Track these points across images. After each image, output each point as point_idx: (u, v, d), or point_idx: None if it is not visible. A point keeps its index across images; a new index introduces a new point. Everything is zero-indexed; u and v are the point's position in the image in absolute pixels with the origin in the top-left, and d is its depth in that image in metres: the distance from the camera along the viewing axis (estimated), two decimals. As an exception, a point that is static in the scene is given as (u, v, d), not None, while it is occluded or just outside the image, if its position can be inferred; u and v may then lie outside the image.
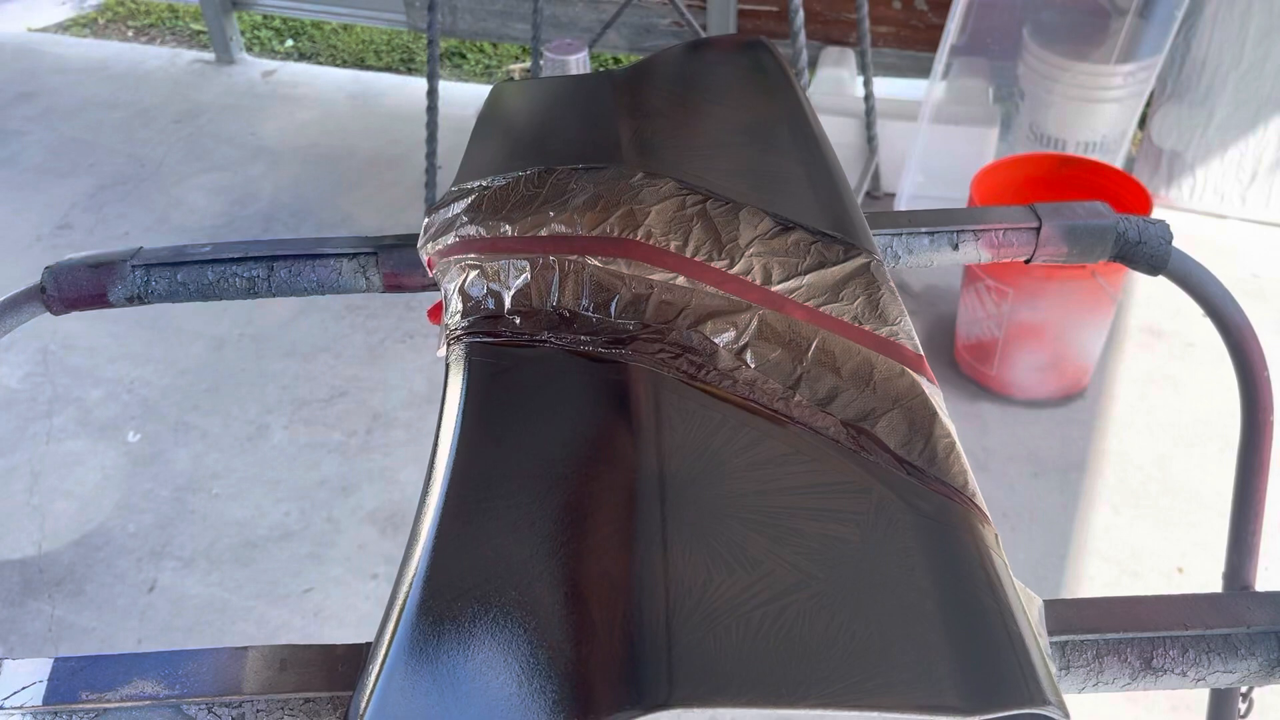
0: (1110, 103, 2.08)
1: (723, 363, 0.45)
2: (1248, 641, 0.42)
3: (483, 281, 0.50)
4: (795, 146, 0.58)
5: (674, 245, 0.49)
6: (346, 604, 1.55)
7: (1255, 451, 0.68)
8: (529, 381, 0.46)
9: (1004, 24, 2.21)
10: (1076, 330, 1.75)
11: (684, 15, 2.23)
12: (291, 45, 3.38)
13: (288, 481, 1.75)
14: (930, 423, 0.42)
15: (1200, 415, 1.80)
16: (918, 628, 0.34)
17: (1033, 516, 1.63)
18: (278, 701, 0.39)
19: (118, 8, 3.63)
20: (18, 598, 1.58)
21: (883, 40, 2.56)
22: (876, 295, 0.47)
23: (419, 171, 2.26)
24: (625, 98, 0.65)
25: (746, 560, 0.36)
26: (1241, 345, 0.66)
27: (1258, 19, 2.06)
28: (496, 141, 0.64)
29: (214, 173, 2.62)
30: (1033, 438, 1.76)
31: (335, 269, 0.64)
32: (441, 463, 0.42)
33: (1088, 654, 0.41)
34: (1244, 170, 2.22)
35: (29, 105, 2.95)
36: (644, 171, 0.54)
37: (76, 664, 0.40)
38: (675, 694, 0.31)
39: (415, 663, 0.35)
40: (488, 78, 3.22)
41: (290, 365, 2.00)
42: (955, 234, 0.64)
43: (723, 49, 0.73)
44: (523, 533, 0.38)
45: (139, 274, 0.63)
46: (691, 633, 0.33)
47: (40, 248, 2.36)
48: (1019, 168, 1.84)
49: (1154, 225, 0.64)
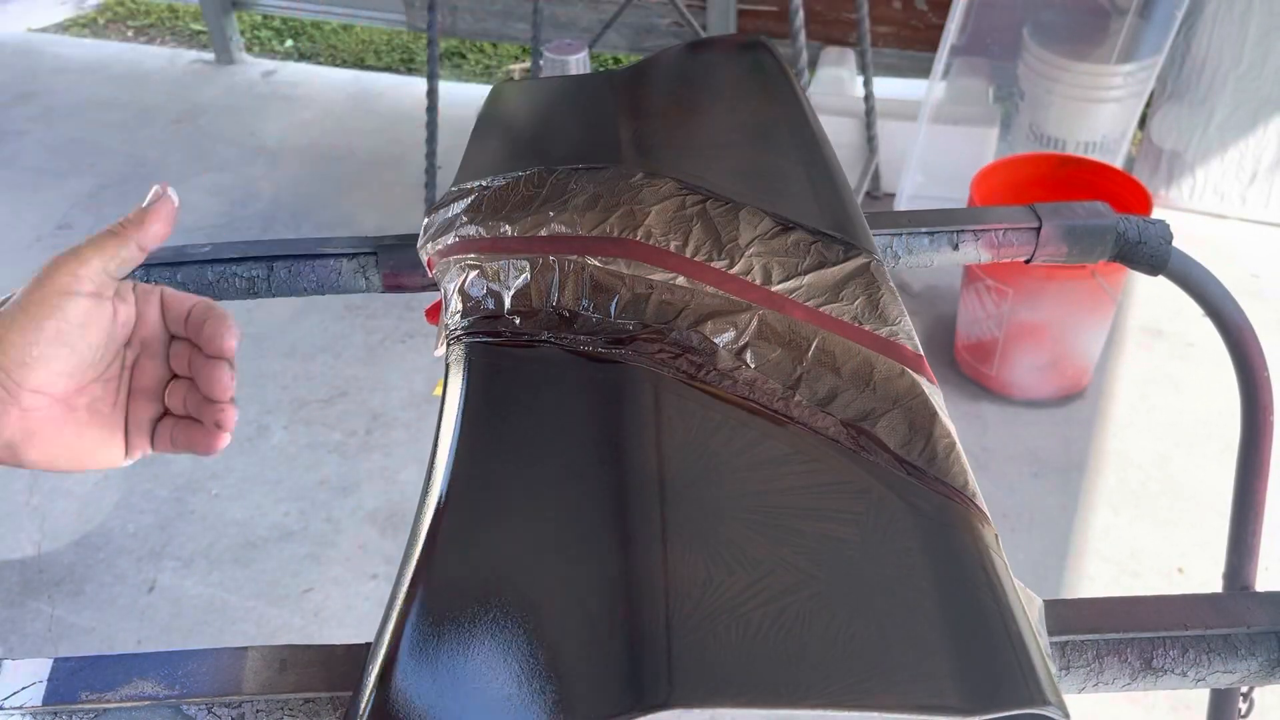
0: (1110, 103, 2.08)
1: (723, 363, 0.45)
2: (1248, 641, 0.42)
3: (482, 281, 0.50)
4: (795, 146, 0.58)
5: (674, 245, 0.49)
6: (346, 604, 1.55)
7: (1255, 451, 0.68)
8: (529, 381, 0.46)
9: (1004, 24, 2.21)
10: (1076, 330, 1.75)
11: (684, 15, 2.23)
12: (291, 45, 3.38)
13: (287, 481, 1.75)
14: (930, 423, 0.42)
15: (1200, 415, 1.80)
16: (918, 628, 0.34)
17: (1033, 516, 1.63)
18: (278, 702, 0.39)
19: (118, 8, 3.63)
20: (17, 598, 1.58)
21: (883, 40, 2.56)
22: (876, 295, 0.47)
23: (419, 171, 2.26)
24: (625, 98, 0.65)
25: (746, 560, 0.36)
26: (1241, 345, 0.66)
27: (1258, 19, 2.06)
28: (496, 141, 0.64)
29: (214, 173, 2.62)
30: (1033, 438, 1.76)
31: (335, 269, 0.64)
32: (441, 463, 0.42)
33: (1088, 654, 0.41)
34: (1244, 170, 2.22)
35: (29, 105, 2.95)
36: (644, 171, 0.54)
37: (76, 664, 0.40)
38: (675, 694, 0.31)
39: (415, 663, 0.35)
40: (488, 78, 3.22)
41: (290, 365, 2.00)
42: (955, 234, 0.64)
43: (722, 49, 0.73)
44: (523, 533, 0.38)
45: (138, 274, 0.63)
46: (691, 633, 0.33)
47: (40, 248, 2.36)
48: (1019, 168, 1.84)
49: (1154, 225, 0.63)
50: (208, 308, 0.51)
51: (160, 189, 0.52)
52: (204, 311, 0.51)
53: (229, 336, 0.50)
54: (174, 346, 0.52)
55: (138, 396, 0.52)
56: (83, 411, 0.49)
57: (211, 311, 0.51)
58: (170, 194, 0.52)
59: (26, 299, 0.46)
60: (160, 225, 0.51)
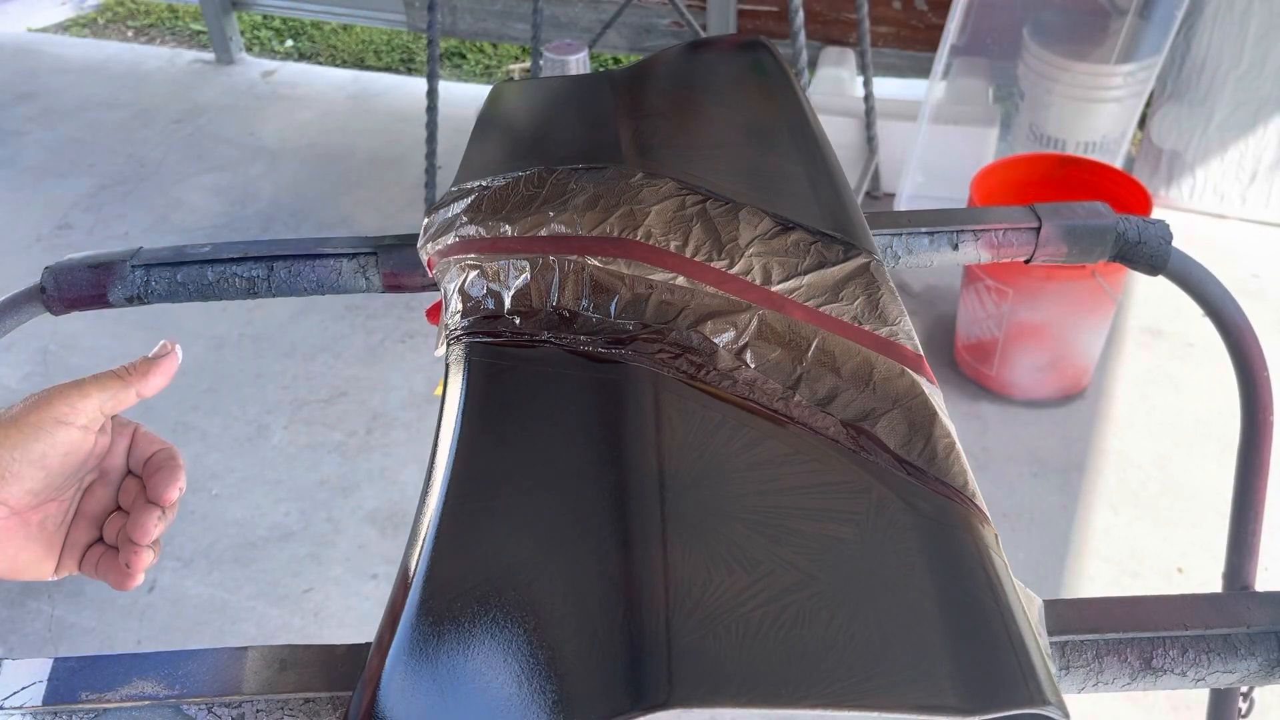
0: (1110, 103, 2.08)
1: (723, 363, 0.45)
2: (1248, 641, 0.42)
3: (482, 281, 0.50)
4: (795, 146, 0.58)
5: (674, 245, 0.49)
6: (346, 604, 1.55)
7: (1255, 451, 0.68)
8: (529, 381, 0.46)
9: (1004, 24, 2.21)
10: (1076, 330, 1.75)
11: (684, 15, 2.23)
12: (291, 45, 3.38)
13: (287, 482, 1.75)
14: (930, 423, 0.42)
15: (1200, 415, 1.80)
16: (917, 628, 0.34)
17: (1033, 516, 1.63)
18: (277, 702, 0.39)
19: (118, 8, 3.63)
20: (18, 598, 1.58)
21: (883, 40, 2.56)
22: (876, 295, 0.47)
23: (419, 171, 2.26)
24: (625, 98, 0.65)
25: (746, 560, 0.36)
26: (1241, 345, 0.66)
27: (1258, 19, 2.06)
28: (496, 142, 0.64)
29: (214, 173, 2.62)
30: (1033, 438, 1.76)
31: (335, 269, 0.64)
32: (441, 463, 0.42)
33: (1088, 654, 0.41)
34: (1244, 170, 2.22)
35: (29, 105, 2.95)
36: (644, 171, 0.54)
37: (76, 664, 0.40)
38: (675, 694, 0.31)
39: (415, 663, 0.35)
40: (488, 78, 3.22)
41: (290, 365, 2.00)
42: (955, 234, 0.64)
43: (722, 49, 0.73)
44: (523, 533, 0.38)
45: (139, 274, 0.63)
46: (691, 633, 0.33)
47: (40, 248, 2.36)
48: (1019, 168, 1.84)
49: (1154, 225, 0.63)
50: (169, 456, 0.54)
51: (168, 345, 0.55)
52: (162, 460, 0.53)
53: (172, 490, 0.52)
54: (127, 481, 0.54)
55: (81, 520, 0.53)
56: (34, 527, 0.51)
57: (170, 461, 0.53)
58: (177, 351, 0.55)
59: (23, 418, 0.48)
60: (161, 379, 0.54)
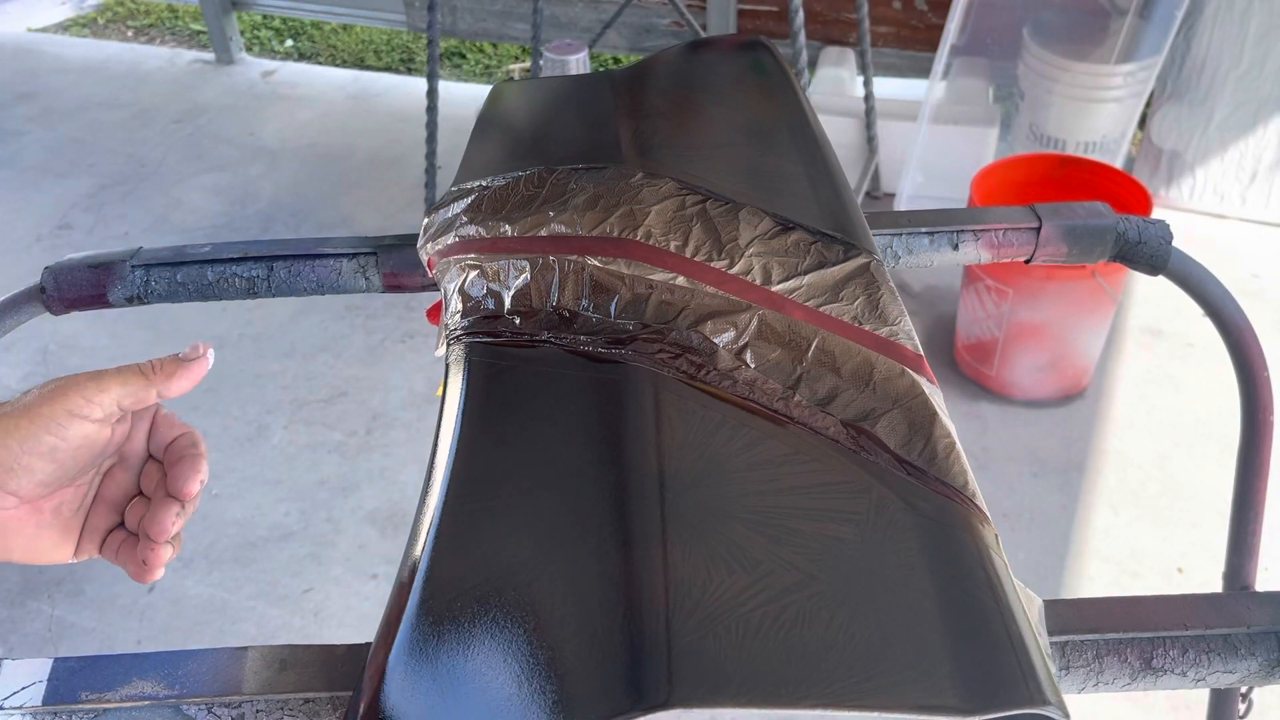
0: (1110, 103, 2.08)
1: (723, 363, 0.45)
2: (1248, 641, 0.42)
3: (482, 281, 0.50)
4: (795, 146, 0.58)
5: (674, 245, 0.49)
6: (346, 604, 1.55)
7: (1255, 451, 0.68)
8: (529, 381, 0.46)
9: (1004, 24, 2.21)
10: (1076, 330, 1.75)
11: (684, 15, 2.23)
12: (291, 45, 3.38)
13: (287, 482, 1.75)
14: (930, 423, 0.42)
15: (1200, 415, 1.80)
16: (917, 628, 0.34)
17: (1033, 516, 1.63)
18: (277, 702, 0.39)
19: (118, 8, 3.63)
20: (18, 598, 1.58)
21: (883, 40, 2.56)
22: (876, 295, 0.47)
23: (419, 171, 2.26)
24: (625, 98, 0.65)
25: (746, 560, 0.36)
26: (1241, 345, 0.66)
27: (1258, 19, 2.06)
28: (496, 141, 0.64)
29: (214, 173, 2.62)
30: (1033, 438, 1.76)
31: (335, 269, 0.64)
32: (441, 463, 0.42)
33: (1088, 654, 0.41)
34: (1244, 170, 2.22)
35: (29, 105, 2.95)
36: (644, 171, 0.54)
37: (76, 664, 0.40)
38: (675, 694, 0.31)
39: (415, 663, 0.35)
40: (488, 78, 3.22)
41: (290, 365, 2.00)
42: (955, 234, 0.64)
43: (722, 49, 0.73)
44: (523, 533, 0.38)
45: (138, 274, 0.63)
46: (691, 633, 0.33)
47: (40, 248, 2.36)
48: (1019, 168, 1.84)
49: (1154, 225, 0.63)
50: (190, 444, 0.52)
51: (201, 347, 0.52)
52: (184, 448, 0.52)
53: (193, 483, 0.50)
54: (148, 465, 0.53)
55: (100, 504, 0.52)
56: (47, 514, 0.50)
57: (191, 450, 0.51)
58: (209, 355, 0.52)
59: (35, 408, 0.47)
60: (187, 382, 0.51)
